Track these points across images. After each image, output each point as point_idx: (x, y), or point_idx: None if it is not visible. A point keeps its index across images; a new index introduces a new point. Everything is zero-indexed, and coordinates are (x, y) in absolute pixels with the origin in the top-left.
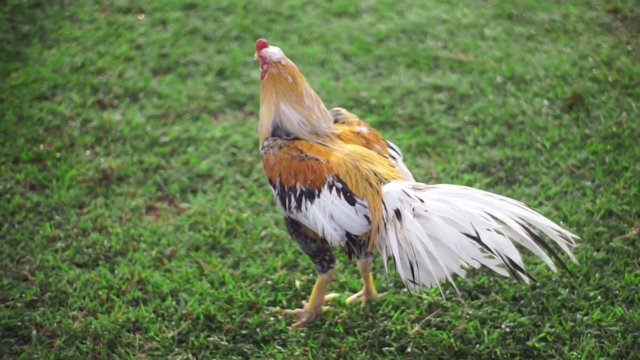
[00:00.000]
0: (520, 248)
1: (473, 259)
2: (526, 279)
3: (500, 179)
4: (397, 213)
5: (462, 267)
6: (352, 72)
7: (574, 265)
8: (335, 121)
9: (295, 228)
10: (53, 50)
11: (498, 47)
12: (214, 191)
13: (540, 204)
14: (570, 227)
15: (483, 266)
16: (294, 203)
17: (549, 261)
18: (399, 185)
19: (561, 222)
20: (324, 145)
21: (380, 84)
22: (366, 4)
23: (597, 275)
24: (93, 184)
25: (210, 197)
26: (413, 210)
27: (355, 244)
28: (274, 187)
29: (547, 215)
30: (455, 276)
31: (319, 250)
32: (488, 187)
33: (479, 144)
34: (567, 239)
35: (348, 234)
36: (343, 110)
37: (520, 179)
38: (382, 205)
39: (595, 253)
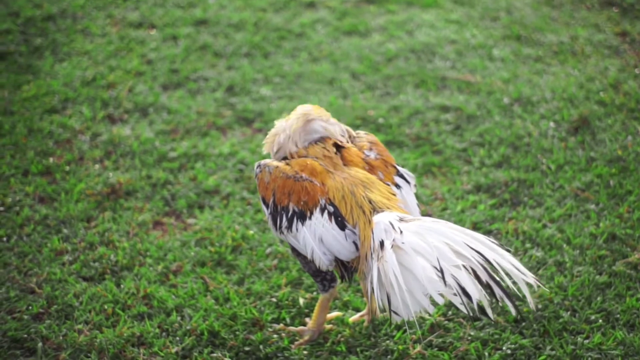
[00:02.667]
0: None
1: (439, 294)
2: (491, 316)
3: (505, 200)
4: (381, 244)
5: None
6: (361, 91)
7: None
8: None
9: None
10: (64, 63)
11: (506, 69)
12: (221, 207)
13: (544, 226)
14: (574, 250)
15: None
16: (285, 223)
17: (509, 303)
18: (387, 216)
19: (564, 245)
20: (323, 167)
21: (388, 103)
22: (376, 23)
23: (598, 298)
24: (101, 198)
25: (217, 213)
26: (393, 241)
27: (347, 269)
28: (267, 207)
29: (550, 237)
30: (426, 312)
31: (319, 270)
32: (493, 208)
33: (484, 165)
34: (529, 282)
35: (338, 259)
36: (362, 134)
37: (525, 201)
38: (372, 235)
39: (597, 276)
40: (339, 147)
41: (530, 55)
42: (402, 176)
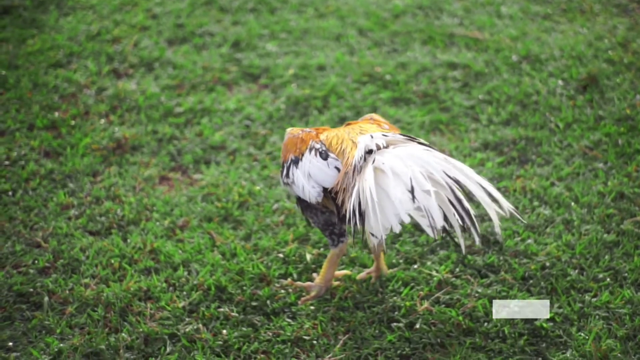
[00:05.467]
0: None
1: (408, 214)
2: (462, 246)
3: (513, 158)
4: (361, 160)
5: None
6: (368, 47)
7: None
8: None
9: (302, 200)
10: (69, 17)
11: (514, 26)
12: (227, 163)
13: (552, 184)
14: (582, 209)
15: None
16: (284, 172)
17: (473, 232)
18: (370, 137)
19: (572, 203)
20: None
21: (395, 59)
22: None
23: (606, 257)
24: (107, 152)
25: (223, 168)
26: (374, 161)
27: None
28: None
29: (558, 196)
30: (392, 232)
31: (326, 223)
32: (500, 166)
33: (492, 122)
34: (503, 212)
35: (325, 191)
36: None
37: (533, 159)
38: (356, 154)
39: (605, 235)
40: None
41: (539, 12)
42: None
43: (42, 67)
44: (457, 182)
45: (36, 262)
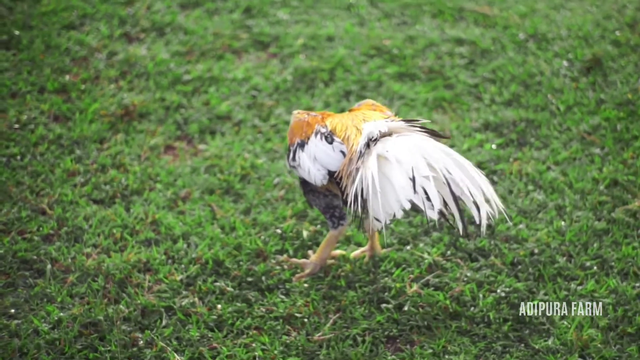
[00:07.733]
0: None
1: (408, 200)
2: (461, 229)
3: (512, 140)
4: (367, 145)
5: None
6: (377, 19)
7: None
8: None
9: (306, 184)
10: None
11: (524, 2)
12: (232, 134)
13: (548, 168)
14: (575, 195)
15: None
16: (291, 155)
17: (459, 223)
18: (374, 124)
19: (566, 189)
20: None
21: (404, 32)
22: None
23: (595, 245)
24: (115, 119)
25: (227, 140)
26: (377, 148)
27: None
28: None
29: (553, 180)
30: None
31: (328, 206)
32: (499, 148)
33: (494, 102)
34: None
35: (330, 174)
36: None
37: (532, 142)
38: (360, 140)
39: (596, 222)
40: None
41: None
42: None
43: (55, 28)
44: (454, 180)
45: (41, 229)
